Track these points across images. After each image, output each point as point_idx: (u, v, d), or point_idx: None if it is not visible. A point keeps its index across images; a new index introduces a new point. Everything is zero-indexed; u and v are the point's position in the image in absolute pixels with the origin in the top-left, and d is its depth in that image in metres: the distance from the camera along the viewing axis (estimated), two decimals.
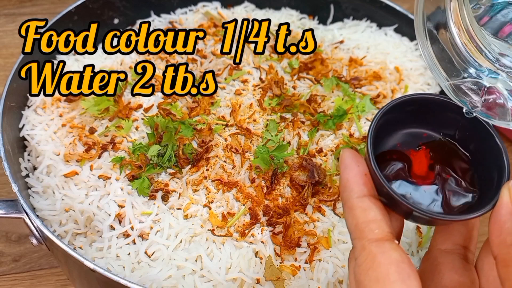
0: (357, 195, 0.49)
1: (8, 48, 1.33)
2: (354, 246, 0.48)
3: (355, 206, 0.49)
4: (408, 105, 0.54)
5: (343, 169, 0.50)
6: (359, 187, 0.49)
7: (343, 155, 0.51)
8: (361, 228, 0.47)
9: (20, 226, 0.76)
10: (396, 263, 0.44)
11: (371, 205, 0.48)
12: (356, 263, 0.47)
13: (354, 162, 0.50)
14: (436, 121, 0.55)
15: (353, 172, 0.50)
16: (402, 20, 1.06)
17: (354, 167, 0.50)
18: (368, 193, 0.49)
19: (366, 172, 0.50)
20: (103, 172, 0.80)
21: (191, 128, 0.84)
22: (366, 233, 0.47)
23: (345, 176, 0.50)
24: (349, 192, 0.49)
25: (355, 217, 0.48)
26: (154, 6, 1.09)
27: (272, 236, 0.74)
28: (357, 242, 0.48)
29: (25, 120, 0.87)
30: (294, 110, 0.90)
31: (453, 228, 0.54)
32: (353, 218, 0.48)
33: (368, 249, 0.46)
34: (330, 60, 1.00)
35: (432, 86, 1.01)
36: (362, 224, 0.47)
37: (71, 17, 0.98)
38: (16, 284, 0.97)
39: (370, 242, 0.46)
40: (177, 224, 0.75)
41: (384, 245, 0.46)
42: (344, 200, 0.50)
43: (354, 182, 0.49)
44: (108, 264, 0.72)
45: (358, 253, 0.47)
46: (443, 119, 0.55)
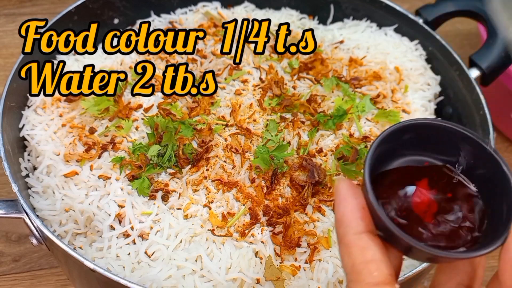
0: (354, 231, 0.45)
1: (8, 48, 1.33)
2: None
3: (351, 244, 0.45)
4: (406, 131, 0.50)
5: (338, 202, 0.46)
6: (356, 222, 0.45)
7: (339, 186, 0.47)
8: (359, 270, 0.44)
9: (20, 226, 0.76)
10: None
11: (369, 243, 0.44)
12: None
13: (351, 194, 0.46)
14: (437, 148, 0.51)
15: (350, 206, 0.46)
16: (402, 20, 1.06)
17: (351, 200, 0.46)
18: (366, 228, 0.45)
19: (363, 205, 0.46)
20: (103, 172, 0.80)
21: (191, 128, 0.84)
22: (364, 275, 0.43)
23: (341, 210, 0.46)
24: (345, 228, 0.45)
25: (352, 256, 0.44)
26: (154, 6, 1.09)
27: (272, 236, 0.74)
28: (354, 285, 0.44)
29: (25, 120, 0.87)
30: (294, 110, 0.90)
31: (457, 266, 0.50)
32: (350, 257, 0.45)
33: None
34: (330, 60, 1.00)
35: (432, 86, 1.01)
36: (360, 265, 0.44)
37: (71, 17, 0.98)
38: (16, 284, 0.97)
39: (368, 287, 0.43)
40: (177, 224, 0.75)
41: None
42: (340, 237, 0.46)
43: (350, 216, 0.45)
44: (108, 264, 0.72)
45: None
46: (445, 145, 0.51)
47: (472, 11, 1.02)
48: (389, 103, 0.95)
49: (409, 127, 0.50)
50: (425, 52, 1.05)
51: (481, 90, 0.93)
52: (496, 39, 0.96)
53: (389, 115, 0.90)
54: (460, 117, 0.99)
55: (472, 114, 0.94)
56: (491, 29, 0.98)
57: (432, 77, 1.02)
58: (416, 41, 1.05)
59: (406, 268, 0.76)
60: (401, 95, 0.96)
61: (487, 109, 0.90)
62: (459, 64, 0.97)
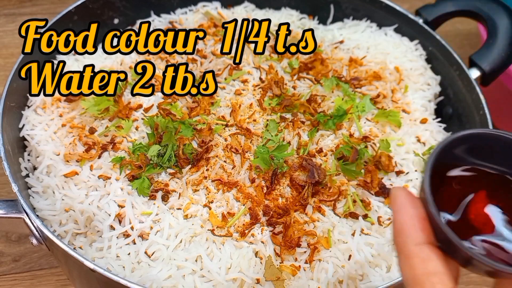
0: (415, 242, 0.44)
1: (8, 48, 1.33)
2: None
3: (412, 254, 0.43)
4: (467, 140, 0.48)
5: (397, 210, 0.45)
6: (416, 232, 0.44)
7: (396, 194, 0.46)
8: (420, 282, 0.42)
9: (20, 226, 0.76)
10: None
11: (431, 255, 0.43)
12: None
13: (409, 203, 0.45)
14: (496, 158, 0.50)
15: (409, 215, 0.45)
16: (402, 20, 1.06)
17: (410, 209, 0.45)
18: (427, 240, 0.44)
19: (423, 215, 0.45)
20: (103, 172, 0.80)
21: (191, 128, 0.84)
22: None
23: (400, 219, 0.45)
24: (405, 238, 0.44)
25: (413, 267, 0.43)
26: (154, 6, 1.09)
27: (272, 236, 0.74)
28: None
29: (25, 120, 0.87)
30: (294, 110, 0.90)
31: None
32: (411, 268, 0.43)
33: None
34: (330, 60, 1.00)
35: (432, 86, 1.01)
36: (422, 277, 0.42)
37: (71, 17, 0.98)
38: (16, 284, 0.97)
39: None
40: (177, 224, 0.75)
41: None
42: (399, 247, 0.45)
43: (410, 226, 0.44)
44: (108, 264, 0.72)
45: None
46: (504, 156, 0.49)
47: (472, 11, 1.02)
48: (389, 103, 0.95)
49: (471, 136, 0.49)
50: (425, 52, 1.05)
51: (481, 90, 0.93)
52: (496, 39, 0.96)
53: (389, 115, 0.90)
54: (460, 117, 0.99)
55: (472, 114, 0.94)
56: (491, 29, 0.98)
57: (432, 77, 1.02)
58: (416, 41, 1.05)
59: None
60: (401, 95, 0.96)
61: (487, 109, 0.90)
62: (459, 64, 0.97)
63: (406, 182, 0.85)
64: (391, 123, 0.90)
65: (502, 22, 0.97)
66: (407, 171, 0.86)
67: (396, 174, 0.85)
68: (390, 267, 0.76)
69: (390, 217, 0.79)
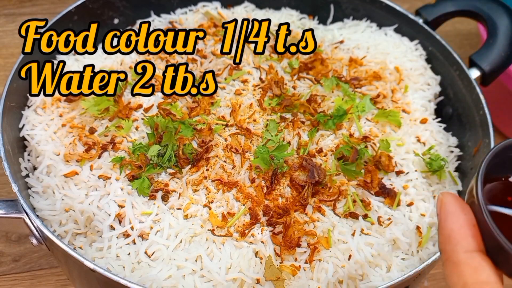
0: (465, 250, 0.42)
1: (8, 48, 1.33)
2: None
3: (462, 262, 0.42)
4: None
5: (445, 216, 0.44)
6: (467, 239, 0.42)
7: (445, 199, 0.45)
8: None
9: (20, 226, 0.76)
10: None
11: (483, 264, 0.42)
12: None
13: (459, 209, 0.44)
14: None
15: (459, 222, 0.43)
16: (402, 20, 1.06)
17: (460, 215, 0.43)
18: (478, 248, 0.43)
19: (474, 222, 0.43)
20: (103, 172, 0.80)
21: (191, 128, 0.84)
22: None
23: (449, 225, 0.43)
24: (455, 245, 0.43)
25: (463, 276, 0.42)
26: (154, 6, 1.09)
27: (272, 236, 0.74)
28: None
29: (25, 120, 0.87)
30: (294, 110, 0.90)
31: None
32: (460, 276, 0.42)
33: None
34: (330, 60, 1.00)
35: (432, 86, 1.01)
36: (473, 285, 0.41)
37: (71, 17, 0.98)
38: (16, 284, 0.97)
39: None
40: (177, 224, 0.75)
41: None
42: (447, 254, 0.43)
43: (461, 233, 0.43)
44: (108, 264, 0.72)
45: None
46: None
47: (472, 11, 1.02)
48: (389, 103, 0.94)
49: None
50: (425, 52, 1.05)
51: (481, 90, 0.93)
52: (496, 39, 0.96)
53: (389, 115, 0.90)
54: (460, 117, 0.99)
55: (472, 114, 0.94)
56: (491, 29, 0.98)
57: (432, 77, 1.02)
58: (416, 41, 1.05)
59: (406, 268, 0.76)
60: (401, 95, 0.96)
61: (487, 109, 0.90)
62: (459, 64, 0.97)
63: (406, 182, 0.85)
64: (391, 123, 0.90)
65: (502, 22, 0.97)
66: (407, 171, 0.86)
67: (396, 174, 0.85)
68: (390, 267, 0.76)
69: (390, 217, 0.79)
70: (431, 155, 0.88)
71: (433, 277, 1.03)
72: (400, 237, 0.77)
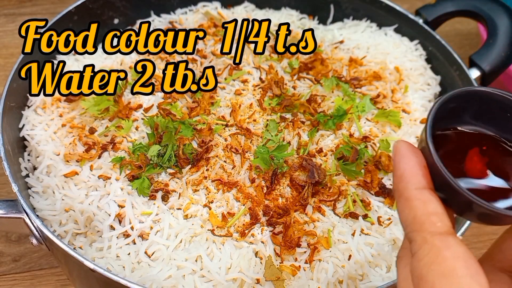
0: (415, 187, 0.46)
1: (8, 48, 1.33)
2: (412, 239, 0.45)
3: (413, 197, 0.46)
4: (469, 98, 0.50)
5: (398, 159, 0.48)
6: (417, 178, 0.46)
7: (398, 145, 0.48)
8: (421, 221, 0.45)
9: (20, 226, 0.76)
10: (464, 258, 0.42)
11: (431, 198, 0.46)
12: (415, 258, 0.44)
13: (411, 152, 0.48)
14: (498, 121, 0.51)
15: (411, 163, 0.47)
16: (402, 20, 1.06)
17: (412, 157, 0.47)
18: (427, 185, 0.46)
19: (424, 163, 0.47)
20: (103, 172, 0.80)
21: (191, 128, 0.84)
22: (427, 225, 0.44)
23: (402, 166, 0.47)
24: (407, 183, 0.46)
25: (413, 209, 0.45)
26: (154, 6, 1.09)
27: (272, 236, 0.74)
28: (416, 235, 0.45)
29: (25, 120, 0.87)
30: (294, 110, 0.90)
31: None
32: (411, 210, 0.46)
33: (430, 243, 0.43)
34: (330, 60, 1.00)
35: (432, 86, 1.01)
36: (422, 217, 0.45)
37: (71, 17, 0.98)
38: (16, 284, 0.97)
39: (432, 235, 0.43)
40: (177, 224, 0.75)
41: (448, 239, 0.43)
42: (400, 191, 0.47)
43: (412, 173, 0.47)
44: (108, 264, 0.72)
45: (417, 247, 0.44)
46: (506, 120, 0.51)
47: (472, 11, 1.02)
48: (389, 103, 0.95)
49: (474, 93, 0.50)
50: (425, 52, 1.05)
51: None
52: (496, 39, 0.96)
53: (389, 115, 0.90)
54: None
55: None
56: (491, 29, 0.98)
57: (432, 77, 1.02)
58: (416, 41, 1.05)
59: None
60: (401, 95, 0.96)
61: None
62: (459, 64, 0.97)
63: None
64: (391, 123, 0.90)
65: (502, 22, 0.97)
66: None
67: None
68: (390, 267, 0.76)
69: (390, 217, 0.79)
70: None
71: None
72: (400, 237, 0.77)
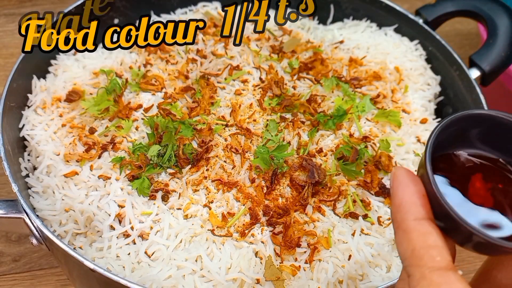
0: (414, 217, 0.44)
1: (8, 48, 1.33)
2: (410, 274, 0.43)
3: (411, 229, 0.44)
4: (472, 121, 0.49)
5: (396, 186, 0.46)
6: (416, 208, 0.45)
7: (397, 172, 0.47)
8: (420, 255, 0.43)
9: (20, 226, 0.76)
10: None
11: (430, 229, 0.44)
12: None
13: (410, 180, 0.46)
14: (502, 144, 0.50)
15: (410, 192, 0.45)
16: (402, 20, 1.06)
17: (411, 186, 0.46)
18: (427, 215, 0.45)
19: (424, 193, 0.46)
20: (103, 172, 0.80)
21: (191, 128, 0.84)
22: (426, 260, 0.42)
23: (400, 194, 0.46)
24: (405, 214, 0.45)
25: (412, 241, 0.44)
26: (154, 6, 1.09)
27: (272, 236, 0.74)
28: (414, 269, 0.43)
29: (25, 120, 0.87)
30: (294, 110, 0.90)
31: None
32: (410, 242, 0.44)
33: (429, 279, 0.42)
34: (330, 60, 1.00)
35: (432, 86, 1.01)
36: (421, 250, 0.43)
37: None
38: (16, 284, 0.97)
39: (431, 271, 0.42)
40: (177, 224, 0.75)
41: (448, 275, 0.41)
42: (398, 222, 0.45)
43: (410, 202, 0.45)
44: (108, 264, 0.72)
45: (416, 283, 0.42)
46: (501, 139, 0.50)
47: (472, 11, 1.02)
48: (389, 103, 0.94)
49: (476, 117, 0.49)
50: (425, 52, 1.05)
51: (481, 90, 0.93)
52: (496, 39, 0.96)
53: (389, 115, 0.90)
54: None
55: None
56: (491, 29, 0.98)
57: (432, 77, 1.02)
58: (416, 41, 1.05)
59: None
60: (401, 95, 0.96)
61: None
62: (459, 64, 0.97)
63: None
64: (391, 123, 0.90)
65: (502, 22, 0.97)
66: None
67: None
68: (390, 267, 0.76)
69: (390, 217, 0.79)
70: None
71: None
72: None
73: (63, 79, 0.91)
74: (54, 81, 0.91)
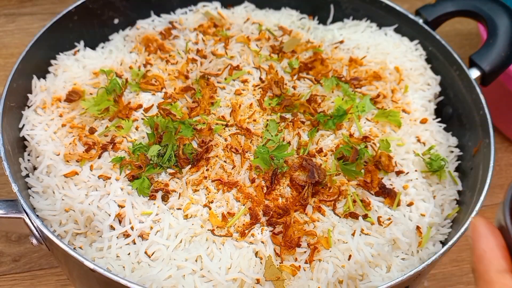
0: (497, 269, 0.46)
1: (8, 48, 1.33)
2: None
3: (495, 281, 0.45)
4: None
5: (477, 238, 0.47)
6: (498, 260, 0.46)
7: (476, 223, 0.48)
8: None
9: (20, 226, 0.76)
10: None
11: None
12: None
13: (490, 232, 0.47)
14: None
15: (491, 244, 0.47)
16: (402, 20, 1.06)
17: (491, 237, 0.47)
18: (508, 268, 0.46)
19: (503, 244, 0.47)
20: (103, 172, 0.80)
21: (191, 128, 0.84)
22: None
23: (482, 246, 0.47)
24: (487, 265, 0.46)
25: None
26: (154, 6, 1.09)
27: (272, 236, 0.74)
28: None
29: (25, 120, 0.87)
30: (294, 110, 0.90)
31: None
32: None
33: None
34: (330, 60, 1.00)
35: (432, 86, 1.01)
36: None
37: (71, 17, 0.98)
38: (16, 284, 0.97)
39: None
40: (177, 224, 0.75)
41: None
42: (480, 273, 0.47)
43: (492, 255, 0.46)
44: (108, 264, 0.72)
45: None
46: None
47: (472, 11, 1.02)
48: (389, 103, 0.94)
49: None
50: (425, 52, 1.04)
51: (481, 90, 0.93)
52: (496, 39, 0.96)
53: (389, 115, 0.90)
54: (460, 117, 0.99)
55: (472, 114, 0.94)
56: (491, 29, 0.98)
57: (432, 77, 1.02)
58: (416, 41, 1.05)
59: (406, 268, 0.76)
60: (401, 95, 0.96)
61: (487, 109, 0.90)
62: (459, 64, 0.97)
63: (406, 182, 0.85)
64: (391, 123, 0.90)
65: (502, 22, 0.97)
66: (407, 171, 0.86)
67: (396, 174, 0.85)
68: (390, 267, 0.76)
69: (390, 217, 0.79)
70: (431, 155, 0.88)
71: (433, 277, 1.03)
72: (400, 237, 0.77)
73: (63, 79, 0.91)
74: (54, 81, 0.91)
